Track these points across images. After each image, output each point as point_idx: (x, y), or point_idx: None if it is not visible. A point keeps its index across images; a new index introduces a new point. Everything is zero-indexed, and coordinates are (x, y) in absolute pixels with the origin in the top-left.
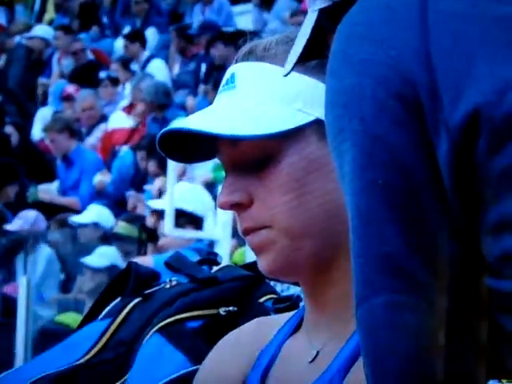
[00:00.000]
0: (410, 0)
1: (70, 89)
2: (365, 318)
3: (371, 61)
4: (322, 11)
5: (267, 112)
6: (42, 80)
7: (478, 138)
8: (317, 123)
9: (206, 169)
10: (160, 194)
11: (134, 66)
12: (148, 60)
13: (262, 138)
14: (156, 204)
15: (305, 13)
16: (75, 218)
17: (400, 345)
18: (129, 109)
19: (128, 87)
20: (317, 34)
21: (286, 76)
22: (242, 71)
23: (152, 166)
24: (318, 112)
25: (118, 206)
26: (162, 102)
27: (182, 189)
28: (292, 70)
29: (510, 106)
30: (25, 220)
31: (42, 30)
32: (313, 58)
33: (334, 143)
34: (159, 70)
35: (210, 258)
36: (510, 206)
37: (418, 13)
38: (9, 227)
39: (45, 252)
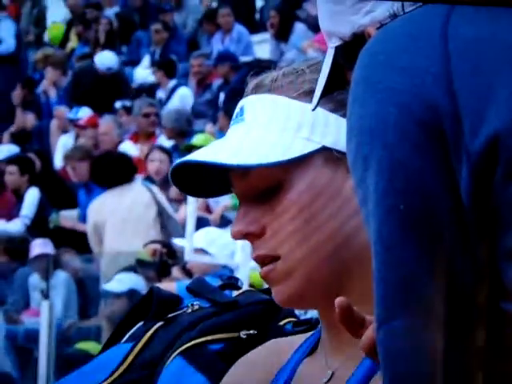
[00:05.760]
0: (431, 27)
1: (90, 115)
2: (385, 340)
3: (394, 89)
4: (338, 49)
5: (273, 142)
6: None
7: (496, 164)
8: (323, 151)
9: (225, 196)
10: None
11: (161, 94)
12: (175, 88)
13: (269, 167)
14: (180, 242)
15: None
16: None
17: (420, 367)
18: (135, 137)
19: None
20: (337, 68)
21: (313, 110)
22: (250, 104)
23: (173, 192)
24: (324, 140)
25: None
26: (183, 129)
27: (211, 233)
28: (317, 105)
29: None
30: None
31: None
32: (335, 90)
33: (357, 171)
34: (185, 98)
35: (231, 282)
36: None
37: (439, 40)
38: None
39: (62, 277)
